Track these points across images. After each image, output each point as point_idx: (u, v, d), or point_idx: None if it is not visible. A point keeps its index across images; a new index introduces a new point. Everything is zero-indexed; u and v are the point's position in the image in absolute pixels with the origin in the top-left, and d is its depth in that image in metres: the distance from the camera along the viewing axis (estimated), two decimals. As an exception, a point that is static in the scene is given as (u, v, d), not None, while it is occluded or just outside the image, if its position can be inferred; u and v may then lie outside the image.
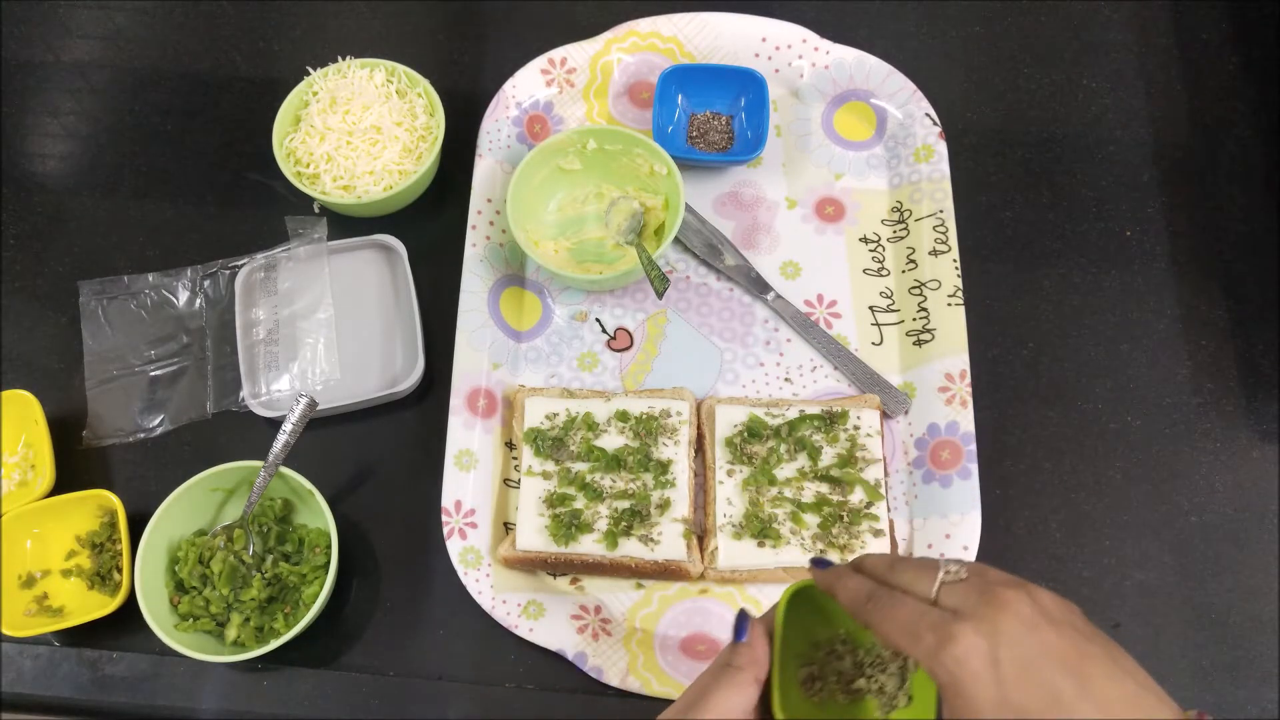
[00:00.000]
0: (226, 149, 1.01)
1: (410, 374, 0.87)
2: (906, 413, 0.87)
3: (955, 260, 0.89)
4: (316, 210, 0.96)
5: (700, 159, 0.95)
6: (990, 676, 0.46)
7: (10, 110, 1.04)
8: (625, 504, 0.83)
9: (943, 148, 0.94)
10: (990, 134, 0.99)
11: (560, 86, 0.99)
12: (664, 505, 0.82)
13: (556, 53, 0.99)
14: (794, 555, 0.81)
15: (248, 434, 0.88)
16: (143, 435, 0.89)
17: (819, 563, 0.56)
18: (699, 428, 0.86)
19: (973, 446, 0.82)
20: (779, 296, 0.91)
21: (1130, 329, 0.91)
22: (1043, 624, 0.47)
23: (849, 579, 0.54)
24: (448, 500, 0.83)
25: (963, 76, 1.02)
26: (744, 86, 0.96)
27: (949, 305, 0.88)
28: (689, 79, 0.97)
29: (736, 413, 0.85)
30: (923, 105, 0.95)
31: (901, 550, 0.82)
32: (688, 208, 0.93)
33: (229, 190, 0.99)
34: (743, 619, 0.56)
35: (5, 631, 0.78)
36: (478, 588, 0.81)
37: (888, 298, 0.91)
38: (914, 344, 0.89)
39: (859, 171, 0.96)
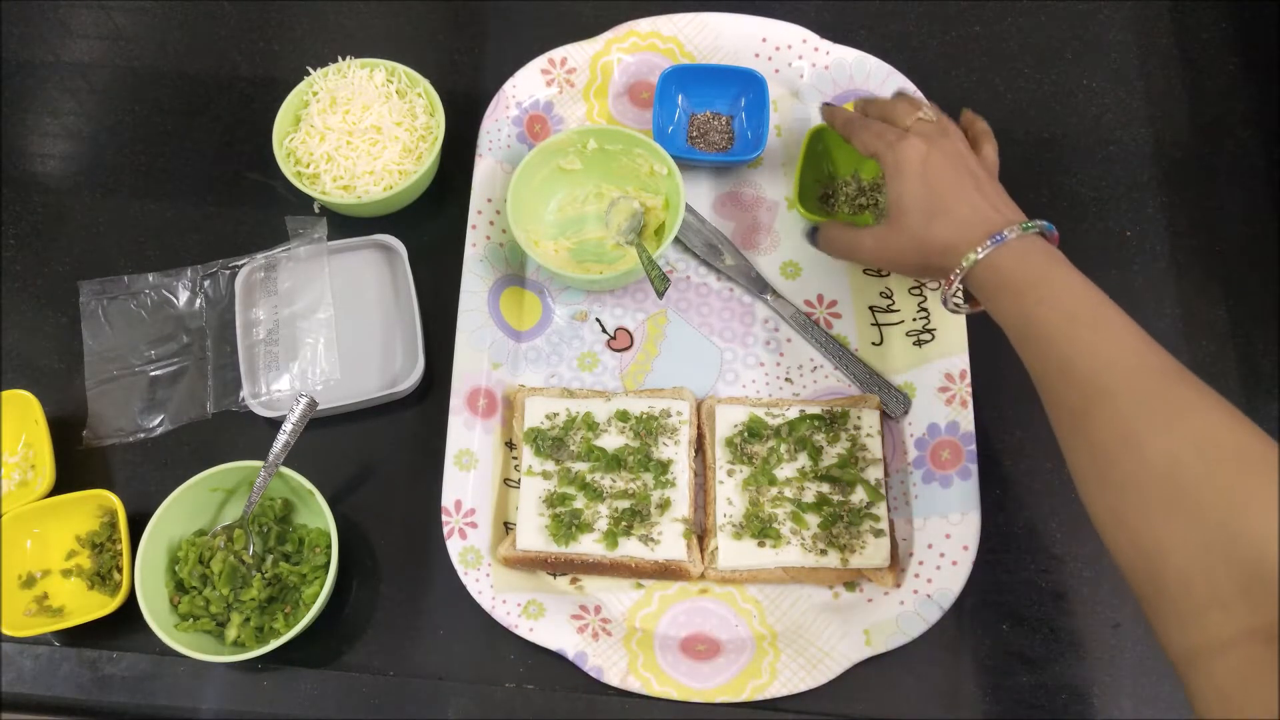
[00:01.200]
0: (226, 149, 1.01)
1: (410, 374, 0.87)
2: (906, 413, 0.87)
3: (955, 260, 0.89)
4: (316, 210, 0.96)
5: (700, 159, 0.95)
6: (920, 163, 0.75)
7: (10, 110, 1.04)
8: (625, 504, 0.83)
9: (943, 148, 0.94)
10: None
11: (560, 86, 0.99)
12: (664, 505, 0.82)
13: (556, 53, 0.99)
14: (794, 555, 0.81)
15: (248, 434, 0.88)
16: (143, 435, 0.89)
17: (827, 105, 0.89)
18: (699, 427, 0.86)
19: (973, 446, 0.82)
20: (779, 296, 0.91)
21: (1130, 329, 0.91)
22: (967, 154, 0.77)
23: (845, 113, 0.85)
24: (448, 500, 0.83)
25: (963, 76, 1.02)
26: (744, 86, 0.96)
27: (949, 305, 0.88)
28: (689, 79, 0.96)
29: (737, 412, 0.85)
30: (923, 105, 0.95)
31: (902, 551, 0.82)
32: (688, 208, 0.93)
33: (229, 190, 0.99)
34: None
35: (5, 631, 0.78)
36: (478, 588, 0.81)
37: (888, 298, 0.91)
38: (914, 344, 0.89)
39: (859, 171, 0.97)
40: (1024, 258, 0.70)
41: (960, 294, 0.76)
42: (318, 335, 0.90)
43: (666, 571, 0.82)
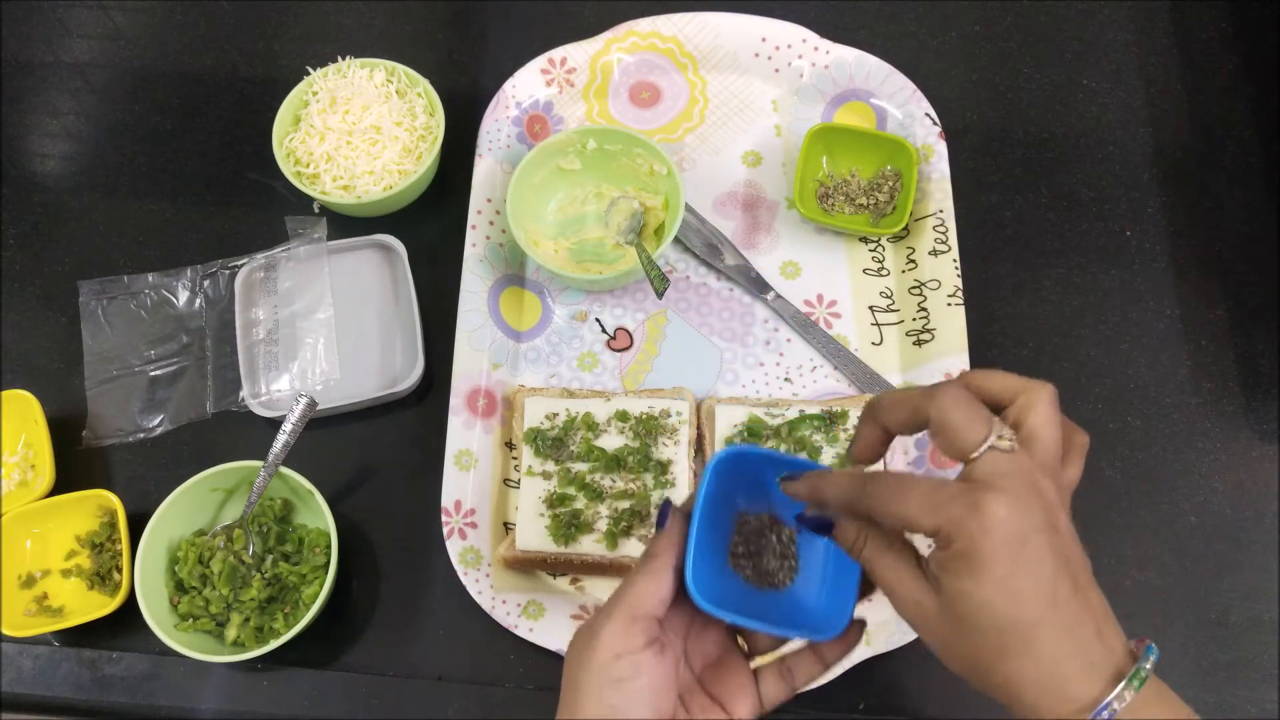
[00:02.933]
0: (226, 149, 1.01)
1: (410, 374, 0.87)
2: (906, 413, 0.87)
3: (955, 260, 0.89)
4: (316, 210, 0.96)
5: (739, 622, 0.54)
6: (1009, 554, 0.45)
7: (10, 110, 1.04)
8: (625, 504, 0.83)
9: (943, 148, 0.94)
10: (990, 134, 0.99)
11: (560, 86, 0.99)
12: (664, 505, 0.82)
13: (556, 53, 0.99)
14: (794, 555, 0.81)
15: (248, 434, 0.88)
16: (143, 435, 0.89)
17: (789, 476, 0.54)
18: (699, 428, 0.86)
19: (973, 446, 0.82)
20: (779, 296, 0.91)
21: (1130, 329, 0.91)
22: (1061, 519, 0.48)
23: (832, 478, 0.52)
24: (448, 500, 0.83)
25: (963, 76, 1.02)
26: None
27: (949, 305, 0.88)
28: (750, 470, 0.56)
29: (736, 413, 0.85)
30: (923, 105, 0.95)
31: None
32: (688, 208, 0.93)
33: (229, 190, 0.99)
34: (665, 506, 0.56)
35: (5, 631, 0.78)
36: (478, 588, 0.81)
37: (888, 298, 0.91)
38: (914, 344, 0.89)
39: (859, 171, 0.96)
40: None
41: None
42: (318, 335, 0.90)
43: (666, 571, 0.82)
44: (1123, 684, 0.46)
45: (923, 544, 0.51)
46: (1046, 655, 0.46)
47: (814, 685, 0.57)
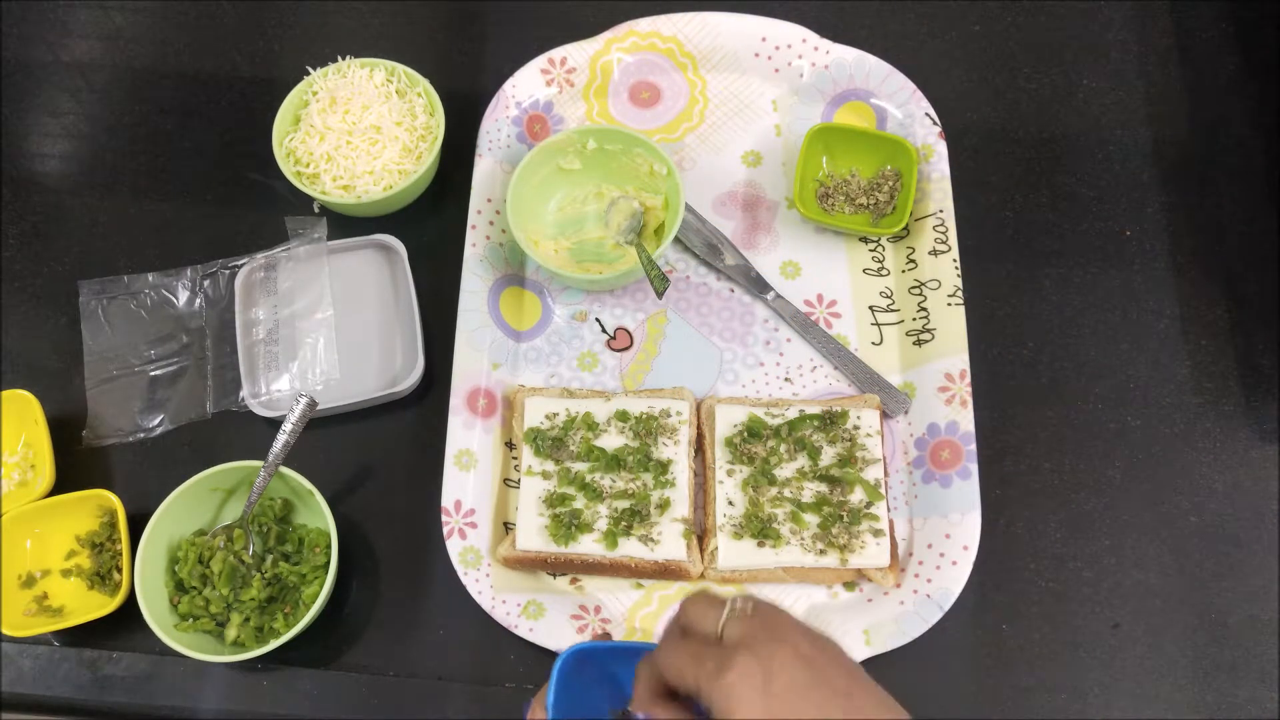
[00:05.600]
0: (226, 149, 1.01)
1: (410, 374, 0.87)
2: (906, 413, 0.87)
3: (955, 260, 0.89)
4: (316, 210, 0.96)
5: None
6: (760, 701, 0.48)
7: (10, 110, 1.04)
8: (625, 504, 0.83)
9: (943, 148, 0.94)
10: (990, 134, 0.99)
11: (560, 86, 0.99)
12: (664, 505, 0.82)
13: (556, 52, 0.99)
14: (794, 555, 0.81)
15: (248, 434, 0.88)
16: (143, 435, 0.89)
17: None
18: (699, 427, 0.86)
19: (973, 446, 0.82)
20: (779, 296, 0.91)
21: (1130, 329, 0.91)
22: (818, 658, 0.51)
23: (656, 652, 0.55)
24: (448, 500, 0.83)
25: (963, 76, 1.02)
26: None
27: (949, 305, 0.88)
28: (599, 663, 0.58)
29: (736, 412, 0.85)
30: (923, 105, 0.95)
31: (901, 551, 0.82)
32: (688, 207, 0.93)
33: (229, 190, 0.99)
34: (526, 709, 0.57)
35: (5, 631, 0.78)
36: (478, 588, 0.81)
37: (888, 298, 0.92)
38: (914, 344, 0.89)
39: (859, 171, 0.96)
40: None
41: None
42: (317, 335, 0.90)
43: (666, 571, 0.82)
44: None
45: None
46: None
47: None
